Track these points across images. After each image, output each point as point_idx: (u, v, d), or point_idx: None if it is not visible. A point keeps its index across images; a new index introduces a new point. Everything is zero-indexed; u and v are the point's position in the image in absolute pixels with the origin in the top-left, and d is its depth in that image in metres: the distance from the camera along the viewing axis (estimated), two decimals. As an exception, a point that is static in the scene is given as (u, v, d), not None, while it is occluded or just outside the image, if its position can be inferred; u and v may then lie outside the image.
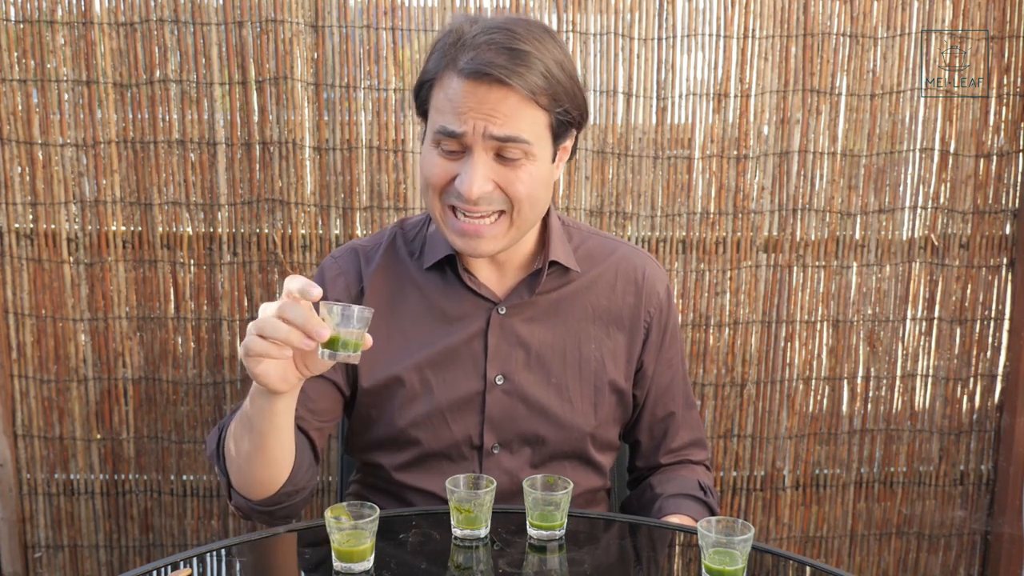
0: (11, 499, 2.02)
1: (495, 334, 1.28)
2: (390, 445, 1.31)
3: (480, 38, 1.12)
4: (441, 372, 1.28)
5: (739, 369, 2.06)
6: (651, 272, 1.37)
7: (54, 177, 1.90)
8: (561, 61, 1.16)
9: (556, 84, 1.15)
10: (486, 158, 1.15)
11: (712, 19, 1.91)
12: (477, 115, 1.12)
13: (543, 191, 1.20)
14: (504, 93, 1.12)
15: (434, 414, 1.28)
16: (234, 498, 1.22)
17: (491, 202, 1.17)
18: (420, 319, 1.29)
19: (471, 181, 1.14)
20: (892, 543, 2.19)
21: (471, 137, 1.13)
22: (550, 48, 1.15)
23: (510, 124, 1.13)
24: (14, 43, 1.85)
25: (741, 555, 0.99)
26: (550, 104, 1.15)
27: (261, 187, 1.91)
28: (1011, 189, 2.04)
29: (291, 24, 1.84)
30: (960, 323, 2.09)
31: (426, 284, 1.30)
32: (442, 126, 1.14)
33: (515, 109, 1.13)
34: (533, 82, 1.12)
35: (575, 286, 1.32)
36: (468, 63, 1.11)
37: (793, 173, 1.98)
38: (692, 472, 1.41)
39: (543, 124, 1.17)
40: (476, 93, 1.12)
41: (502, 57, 1.11)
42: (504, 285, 1.30)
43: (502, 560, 1.08)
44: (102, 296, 1.95)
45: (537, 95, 1.13)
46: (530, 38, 1.13)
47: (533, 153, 1.16)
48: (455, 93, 1.13)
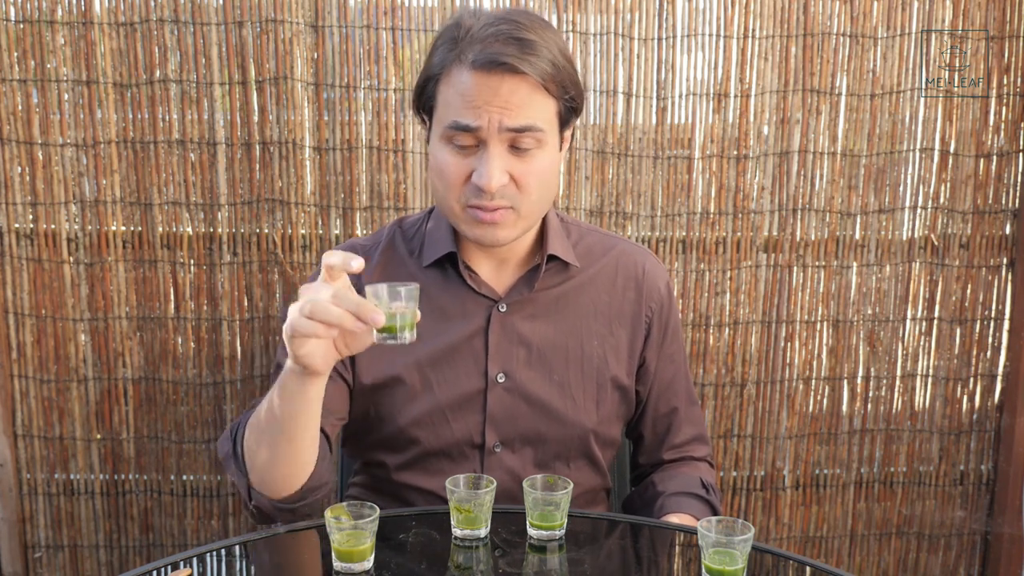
0: (11, 499, 2.02)
1: (496, 332, 1.28)
2: (390, 444, 1.31)
3: (487, 30, 1.13)
4: (442, 370, 1.28)
5: (739, 369, 2.06)
6: (651, 268, 1.37)
7: (54, 177, 1.90)
8: (563, 49, 1.19)
9: (563, 71, 1.17)
10: (501, 149, 1.16)
11: (712, 19, 1.91)
12: (492, 108, 1.13)
13: (552, 179, 1.22)
14: (517, 82, 1.13)
15: (435, 413, 1.27)
16: (254, 499, 1.18)
17: (504, 196, 1.18)
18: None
19: (490, 174, 1.14)
20: (892, 543, 2.19)
21: (486, 131, 1.14)
22: (553, 37, 1.17)
23: (524, 113, 1.14)
24: (14, 43, 1.85)
25: (741, 555, 0.99)
26: (559, 91, 1.17)
27: (261, 187, 1.91)
28: (1011, 189, 2.04)
29: (291, 24, 1.84)
30: (960, 323, 2.09)
31: (426, 282, 1.30)
32: (455, 120, 1.15)
33: (528, 98, 1.14)
34: (543, 69, 1.14)
35: (575, 282, 1.33)
36: (478, 55, 1.12)
37: (793, 173, 1.98)
38: (695, 469, 1.40)
39: (553, 111, 1.18)
40: (489, 84, 1.12)
41: (511, 47, 1.12)
42: (504, 283, 1.31)
43: (502, 560, 1.08)
44: (102, 296, 1.95)
45: (547, 82, 1.15)
46: (534, 27, 1.15)
47: (545, 141, 1.18)
48: (466, 86, 1.13)
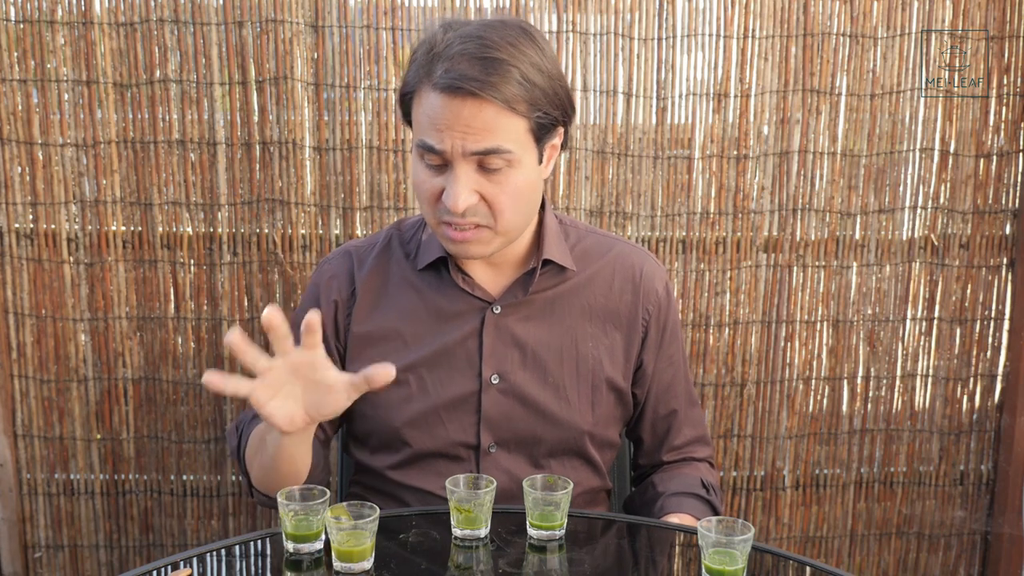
0: (11, 499, 2.02)
1: (490, 334, 1.28)
2: (385, 445, 1.31)
3: (453, 48, 1.12)
4: (436, 372, 1.28)
5: (739, 369, 2.06)
6: (649, 269, 1.36)
7: (54, 177, 1.90)
8: (538, 63, 1.14)
9: (533, 88, 1.13)
10: (468, 170, 1.15)
11: (712, 19, 1.91)
12: (454, 132, 1.12)
13: (530, 195, 1.20)
14: (479, 105, 1.11)
15: (429, 414, 1.28)
16: (256, 495, 1.27)
17: (475, 214, 1.17)
18: (415, 319, 1.29)
19: (456, 195, 1.14)
20: (892, 543, 2.19)
21: (451, 154, 1.14)
22: (526, 51, 1.13)
23: (488, 137, 1.12)
24: (14, 43, 1.84)
25: (741, 555, 0.99)
26: (528, 110, 1.14)
27: (261, 187, 1.91)
28: (1011, 189, 2.04)
29: (291, 24, 1.84)
30: (960, 323, 2.09)
31: (421, 284, 1.30)
32: (422, 140, 1.15)
33: (491, 121, 1.12)
34: (508, 91, 1.11)
35: (571, 284, 1.32)
36: (441, 77, 1.11)
37: (793, 173, 1.98)
38: (695, 470, 1.40)
39: (523, 130, 1.15)
40: (451, 107, 1.11)
41: (475, 68, 1.10)
42: (499, 285, 1.30)
43: (502, 560, 1.08)
44: (102, 296, 1.95)
45: (513, 103, 1.12)
46: (504, 44, 1.12)
47: (516, 160, 1.15)
48: (432, 109, 1.13)
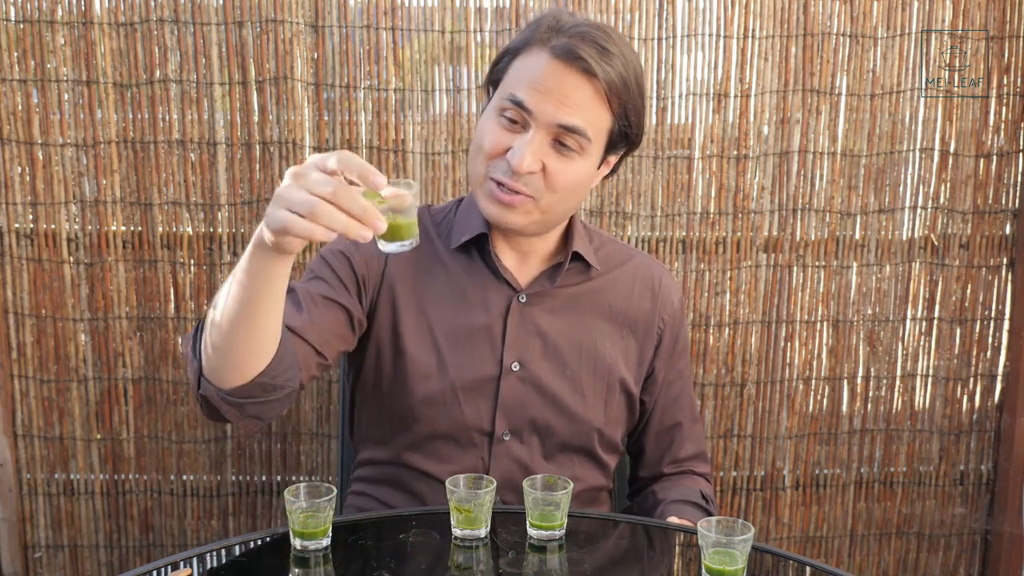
0: (11, 499, 2.02)
1: (515, 321, 1.30)
2: (399, 422, 1.31)
3: (578, 28, 1.18)
4: (457, 352, 1.29)
5: (739, 369, 2.06)
6: (667, 282, 1.42)
7: (54, 177, 1.90)
8: (642, 83, 1.23)
9: (631, 97, 1.21)
10: (544, 139, 1.18)
11: (712, 19, 1.91)
12: (551, 97, 1.16)
13: (580, 189, 1.24)
14: (582, 81, 1.16)
15: (447, 393, 1.28)
16: (203, 387, 1.09)
17: (529, 183, 1.19)
18: (442, 298, 1.30)
19: (523, 155, 1.17)
20: (892, 543, 2.19)
21: (536, 116, 1.17)
22: (635, 61, 1.21)
23: (578, 114, 1.17)
24: (14, 43, 1.84)
25: (741, 555, 1.00)
26: (619, 109, 1.20)
27: (261, 187, 1.91)
28: (1011, 189, 2.04)
29: (291, 24, 1.84)
30: (960, 323, 2.09)
31: (451, 264, 1.31)
32: (513, 94, 1.18)
33: (587, 101, 1.17)
34: (613, 83, 1.17)
35: (595, 283, 1.35)
36: (561, 45, 1.16)
37: (793, 173, 1.98)
38: (695, 482, 1.42)
39: (605, 126, 1.21)
40: (558, 73, 1.16)
41: (593, 49, 1.16)
42: (527, 275, 1.33)
43: (502, 560, 1.08)
44: (102, 296, 1.95)
45: (611, 95, 1.18)
46: (625, 49, 1.20)
47: (587, 150, 1.20)
48: (537, 68, 1.17)
